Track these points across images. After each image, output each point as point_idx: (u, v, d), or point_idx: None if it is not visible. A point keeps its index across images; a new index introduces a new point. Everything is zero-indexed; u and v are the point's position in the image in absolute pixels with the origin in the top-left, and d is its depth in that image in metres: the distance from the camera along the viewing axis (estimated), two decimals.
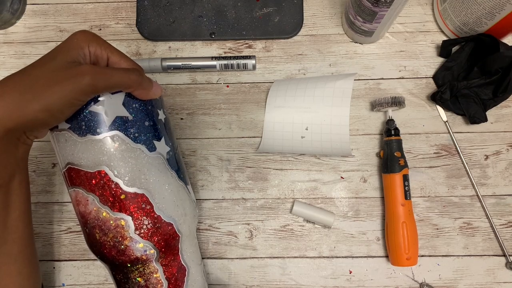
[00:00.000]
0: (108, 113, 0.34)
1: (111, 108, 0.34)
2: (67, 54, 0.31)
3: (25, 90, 0.29)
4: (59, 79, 0.29)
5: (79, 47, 0.32)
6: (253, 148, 0.51)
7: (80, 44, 0.32)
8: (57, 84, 0.29)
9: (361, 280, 0.48)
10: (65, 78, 0.29)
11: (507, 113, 0.50)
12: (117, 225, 0.35)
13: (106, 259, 0.37)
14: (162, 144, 0.38)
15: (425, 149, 0.50)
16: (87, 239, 0.37)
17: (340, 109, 0.48)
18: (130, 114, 0.35)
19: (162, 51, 0.53)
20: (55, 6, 0.55)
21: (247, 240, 0.50)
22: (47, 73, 0.30)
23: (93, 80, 0.30)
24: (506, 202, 0.49)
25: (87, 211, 0.36)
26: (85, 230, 0.37)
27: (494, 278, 0.47)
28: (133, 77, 0.33)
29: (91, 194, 0.35)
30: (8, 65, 0.54)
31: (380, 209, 0.49)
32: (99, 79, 0.30)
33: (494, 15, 0.44)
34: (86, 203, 0.36)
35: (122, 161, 0.34)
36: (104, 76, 0.31)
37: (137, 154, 0.35)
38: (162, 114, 0.39)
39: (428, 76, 0.52)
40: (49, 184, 0.51)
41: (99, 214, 0.36)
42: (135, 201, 0.35)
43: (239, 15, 0.53)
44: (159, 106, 0.39)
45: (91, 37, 0.33)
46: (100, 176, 0.34)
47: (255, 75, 0.53)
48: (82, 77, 0.29)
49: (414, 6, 0.53)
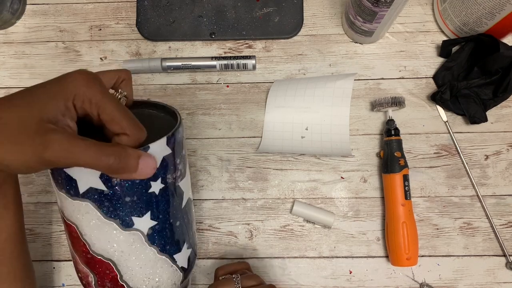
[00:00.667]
0: (82, 181, 0.30)
1: (85, 177, 0.30)
2: (46, 105, 0.26)
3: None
4: (22, 139, 0.25)
5: (61, 97, 0.26)
6: (253, 148, 0.51)
7: (64, 95, 0.26)
8: (18, 144, 0.25)
9: (361, 280, 0.48)
10: (28, 142, 0.25)
11: (507, 113, 0.50)
12: (84, 272, 0.34)
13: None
14: (145, 220, 0.33)
15: (425, 149, 0.50)
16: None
17: (340, 109, 0.48)
18: (106, 188, 0.30)
19: (162, 51, 0.53)
20: (55, 6, 0.55)
21: (247, 240, 0.50)
22: (15, 125, 0.25)
23: (53, 157, 0.25)
24: (506, 202, 0.49)
25: (68, 241, 0.36)
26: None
27: (494, 278, 0.47)
28: (104, 163, 0.26)
29: (67, 235, 0.34)
30: (8, 65, 0.54)
31: (380, 209, 0.49)
32: (59, 158, 0.25)
33: (494, 15, 0.44)
34: (67, 236, 0.35)
35: (92, 229, 0.32)
36: (67, 155, 0.25)
37: (108, 227, 0.31)
38: (159, 184, 0.33)
39: (428, 76, 0.52)
40: (49, 184, 0.51)
41: (72, 254, 0.35)
42: (101, 265, 0.33)
43: (239, 15, 0.53)
44: (155, 177, 0.32)
45: (80, 85, 0.26)
46: (71, 229, 0.33)
47: (255, 75, 0.53)
48: (43, 150, 0.24)
49: (414, 6, 0.53)
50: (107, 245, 0.32)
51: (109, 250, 0.32)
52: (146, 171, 0.29)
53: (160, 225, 0.34)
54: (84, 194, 0.30)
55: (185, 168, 0.37)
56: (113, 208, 0.31)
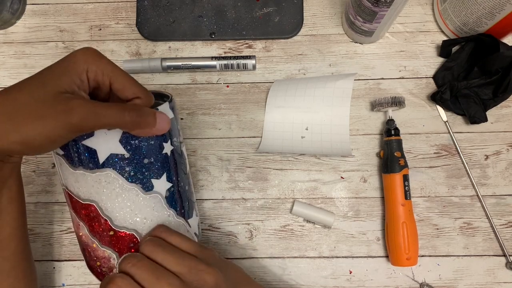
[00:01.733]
0: (102, 150, 0.31)
1: (105, 145, 0.31)
2: (60, 81, 0.27)
3: (5, 119, 0.26)
4: (43, 112, 0.26)
5: (75, 72, 0.28)
6: (253, 148, 0.51)
7: (76, 69, 0.28)
8: (40, 119, 0.26)
9: (361, 280, 0.48)
10: (50, 113, 0.26)
11: (507, 113, 0.50)
12: (105, 257, 0.34)
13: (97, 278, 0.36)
14: (162, 181, 0.35)
15: (425, 149, 0.50)
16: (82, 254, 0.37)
17: (340, 109, 0.48)
18: (126, 151, 0.32)
19: (162, 51, 0.53)
20: (55, 6, 0.55)
21: (247, 240, 0.50)
22: (33, 102, 0.26)
23: (80, 120, 0.26)
24: (506, 202, 0.49)
25: (79, 233, 0.35)
26: (80, 246, 0.37)
27: (494, 278, 0.47)
28: (127, 118, 0.28)
29: (81, 222, 0.34)
30: (8, 65, 0.54)
31: (380, 209, 0.49)
32: (87, 119, 0.26)
33: (494, 15, 0.44)
34: (78, 226, 0.35)
35: (114, 200, 0.32)
36: (93, 116, 0.27)
37: (130, 194, 0.33)
38: (169, 145, 0.35)
39: (428, 76, 0.52)
40: (49, 184, 0.51)
41: (88, 241, 0.35)
42: (124, 239, 0.33)
43: (239, 15, 0.53)
44: (165, 138, 0.35)
45: (91, 59, 0.28)
46: (90, 209, 0.33)
47: (255, 75, 0.53)
48: (68, 115, 0.26)
49: (414, 6, 0.53)
50: (130, 214, 0.33)
51: (132, 219, 0.33)
52: (163, 125, 0.31)
53: (174, 187, 0.36)
54: (105, 162, 0.31)
55: (182, 140, 0.39)
56: (133, 172, 0.32)
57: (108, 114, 0.27)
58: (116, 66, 0.30)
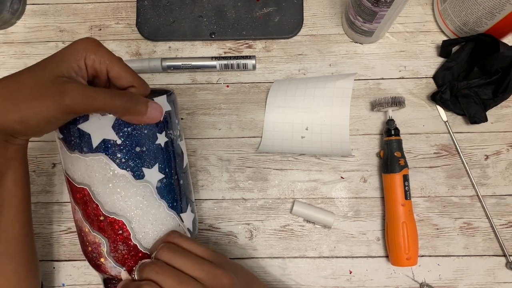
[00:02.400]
0: (95, 134, 0.32)
1: (98, 130, 0.32)
2: (59, 66, 0.29)
3: (7, 97, 0.28)
4: (40, 93, 0.28)
5: (73, 59, 0.30)
6: (253, 148, 0.51)
7: (75, 56, 0.30)
8: (37, 99, 0.28)
9: (361, 280, 0.48)
10: (46, 94, 0.28)
11: (507, 113, 0.50)
12: (95, 242, 0.35)
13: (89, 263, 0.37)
14: (154, 172, 0.35)
15: (425, 149, 0.50)
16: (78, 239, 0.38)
17: (340, 109, 0.48)
18: (119, 138, 0.33)
19: (162, 51, 0.53)
20: (55, 6, 0.55)
21: (247, 240, 0.50)
22: (32, 84, 0.28)
23: (73, 101, 0.28)
24: (506, 202, 0.49)
25: (75, 217, 0.36)
26: (76, 230, 0.38)
27: (494, 278, 0.47)
28: (117, 103, 0.29)
29: (76, 205, 0.35)
30: (8, 65, 0.54)
31: (380, 209, 0.49)
32: (79, 102, 0.28)
33: (494, 15, 0.44)
34: (74, 210, 0.36)
35: (105, 185, 0.33)
36: (85, 99, 0.28)
37: (120, 180, 0.33)
38: (164, 137, 0.36)
39: (428, 76, 0.52)
40: (49, 184, 0.51)
41: (82, 225, 0.36)
42: (113, 225, 0.34)
43: (239, 15, 0.53)
44: (160, 129, 0.36)
45: (90, 47, 0.30)
46: (83, 193, 0.34)
47: (255, 75, 0.53)
48: (62, 97, 0.27)
49: (414, 6, 0.53)
50: (120, 201, 0.34)
51: (122, 206, 0.34)
52: (154, 113, 0.32)
53: (167, 179, 0.36)
54: (98, 147, 0.33)
55: (182, 134, 0.40)
56: (125, 159, 0.33)
57: (99, 97, 0.28)
58: (113, 55, 0.31)
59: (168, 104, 0.37)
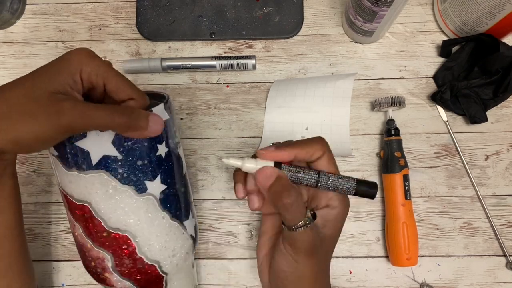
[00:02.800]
0: (94, 151, 0.31)
1: (97, 146, 0.31)
2: (53, 81, 0.27)
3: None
4: (35, 112, 0.26)
5: (68, 72, 0.28)
6: (253, 148, 0.51)
7: (70, 70, 0.28)
8: (31, 118, 0.26)
9: (361, 280, 0.48)
10: (41, 113, 0.26)
11: (507, 113, 0.50)
12: (99, 257, 0.34)
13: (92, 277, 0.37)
14: (156, 184, 0.34)
15: (425, 149, 0.50)
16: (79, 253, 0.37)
17: (340, 109, 0.48)
18: (119, 153, 0.32)
19: (162, 51, 0.53)
20: (55, 6, 0.55)
21: (247, 240, 0.49)
22: (25, 102, 0.26)
23: (70, 121, 0.26)
24: (506, 202, 0.49)
25: (75, 233, 0.36)
26: (76, 245, 0.37)
27: (494, 278, 0.47)
28: (118, 120, 0.28)
29: (76, 222, 0.34)
30: (8, 65, 0.54)
31: (380, 209, 0.49)
32: (77, 121, 0.26)
33: (494, 15, 0.44)
34: (74, 226, 0.35)
35: (106, 201, 0.32)
36: (83, 118, 0.27)
37: (123, 195, 0.33)
38: (164, 147, 0.35)
39: (428, 76, 0.52)
40: (49, 184, 0.51)
41: (83, 241, 0.35)
42: (117, 241, 0.33)
43: (239, 15, 0.53)
44: (160, 140, 0.35)
45: (85, 60, 0.28)
46: (83, 210, 0.33)
47: (255, 75, 0.53)
48: (58, 117, 0.26)
49: (414, 6, 0.53)
50: (123, 216, 0.33)
51: (126, 221, 0.33)
52: (156, 127, 0.30)
53: (169, 189, 0.36)
54: (98, 164, 0.31)
55: (179, 139, 0.39)
56: (126, 174, 0.32)
57: (98, 116, 0.27)
58: (109, 67, 0.30)
59: (166, 112, 0.36)
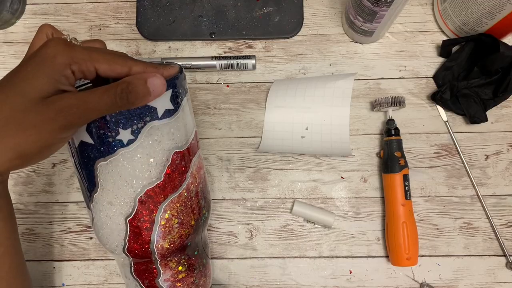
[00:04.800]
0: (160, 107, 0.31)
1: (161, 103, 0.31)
2: (39, 85, 0.25)
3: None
4: (33, 121, 0.25)
5: (56, 71, 0.25)
6: (253, 148, 0.51)
7: (57, 68, 0.25)
8: (31, 129, 0.25)
9: (361, 280, 0.48)
10: (39, 121, 0.25)
11: (507, 113, 0.50)
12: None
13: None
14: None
15: (425, 149, 0.50)
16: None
17: (340, 109, 0.48)
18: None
19: (162, 51, 0.53)
20: (55, 6, 0.55)
21: (247, 240, 0.50)
22: (18, 115, 0.25)
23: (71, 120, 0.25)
24: (506, 202, 0.49)
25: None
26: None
27: (494, 278, 0.47)
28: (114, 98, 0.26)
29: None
30: (8, 65, 0.54)
31: (380, 209, 0.49)
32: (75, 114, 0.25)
33: (494, 15, 0.44)
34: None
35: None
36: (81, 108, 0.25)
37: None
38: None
39: (428, 76, 0.52)
40: (49, 184, 0.51)
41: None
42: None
43: (239, 15, 0.53)
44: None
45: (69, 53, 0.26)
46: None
47: (255, 75, 0.53)
48: (57, 121, 0.25)
49: (414, 6, 0.53)
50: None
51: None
52: (158, 90, 0.28)
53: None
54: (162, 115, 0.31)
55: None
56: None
57: (95, 100, 0.26)
58: (90, 49, 0.27)
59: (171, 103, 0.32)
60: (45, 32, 0.30)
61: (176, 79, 0.32)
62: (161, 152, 0.32)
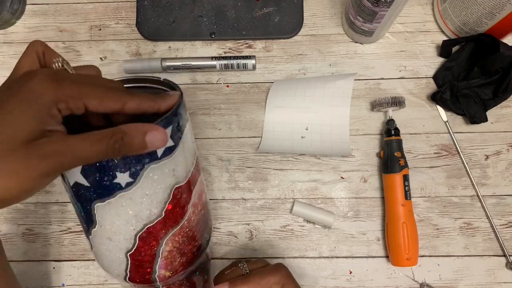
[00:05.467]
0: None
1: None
2: (24, 126, 0.23)
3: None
4: (15, 168, 0.22)
5: (42, 112, 0.23)
6: (253, 148, 0.51)
7: (43, 108, 0.23)
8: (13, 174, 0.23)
9: (361, 280, 0.48)
10: (24, 167, 0.22)
11: (507, 113, 0.50)
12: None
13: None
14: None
15: (425, 149, 0.50)
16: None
17: (340, 109, 0.48)
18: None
19: (162, 51, 0.53)
20: (55, 6, 0.55)
21: (247, 240, 0.50)
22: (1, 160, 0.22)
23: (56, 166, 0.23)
24: (506, 202, 0.49)
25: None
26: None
27: (494, 278, 0.47)
28: (104, 148, 0.24)
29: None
30: (8, 65, 0.54)
31: (380, 209, 0.49)
32: (58, 162, 0.23)
33: (494, 15, 0.44)
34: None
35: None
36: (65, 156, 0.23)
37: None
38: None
39: (428, 76, 0.52)
40: (49, 184, 0.51)
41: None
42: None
43: (239, 15, 0.53)
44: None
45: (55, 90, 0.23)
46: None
47: (255, 75, 0.53)
48: (42, 166, 0.23)
49: (414, 6, 0.53)
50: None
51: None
52: (156, 143, 0.26)
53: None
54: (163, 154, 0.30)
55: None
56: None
57: (83, 149, 0.23)
58: (80, 83, 0.25)
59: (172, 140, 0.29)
60: (36, 50, 0.27)
61: (177, 108, 0.29)
62: (161, 190, 0.30)
